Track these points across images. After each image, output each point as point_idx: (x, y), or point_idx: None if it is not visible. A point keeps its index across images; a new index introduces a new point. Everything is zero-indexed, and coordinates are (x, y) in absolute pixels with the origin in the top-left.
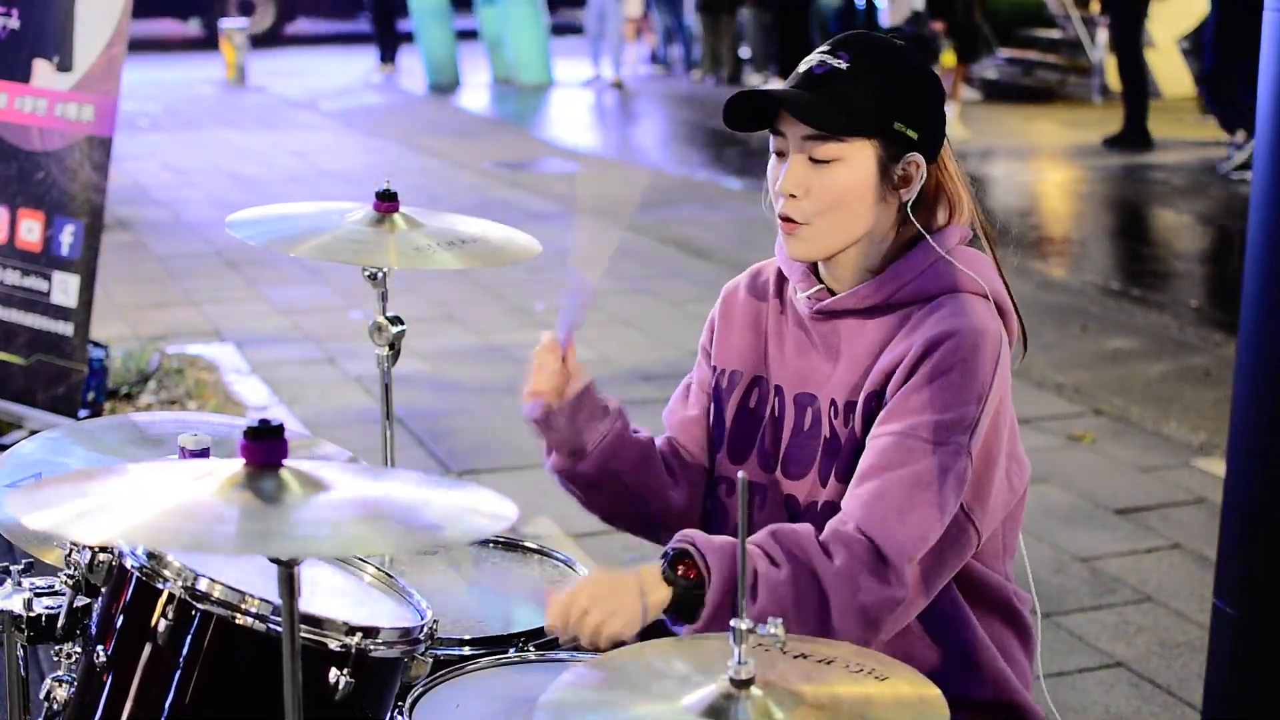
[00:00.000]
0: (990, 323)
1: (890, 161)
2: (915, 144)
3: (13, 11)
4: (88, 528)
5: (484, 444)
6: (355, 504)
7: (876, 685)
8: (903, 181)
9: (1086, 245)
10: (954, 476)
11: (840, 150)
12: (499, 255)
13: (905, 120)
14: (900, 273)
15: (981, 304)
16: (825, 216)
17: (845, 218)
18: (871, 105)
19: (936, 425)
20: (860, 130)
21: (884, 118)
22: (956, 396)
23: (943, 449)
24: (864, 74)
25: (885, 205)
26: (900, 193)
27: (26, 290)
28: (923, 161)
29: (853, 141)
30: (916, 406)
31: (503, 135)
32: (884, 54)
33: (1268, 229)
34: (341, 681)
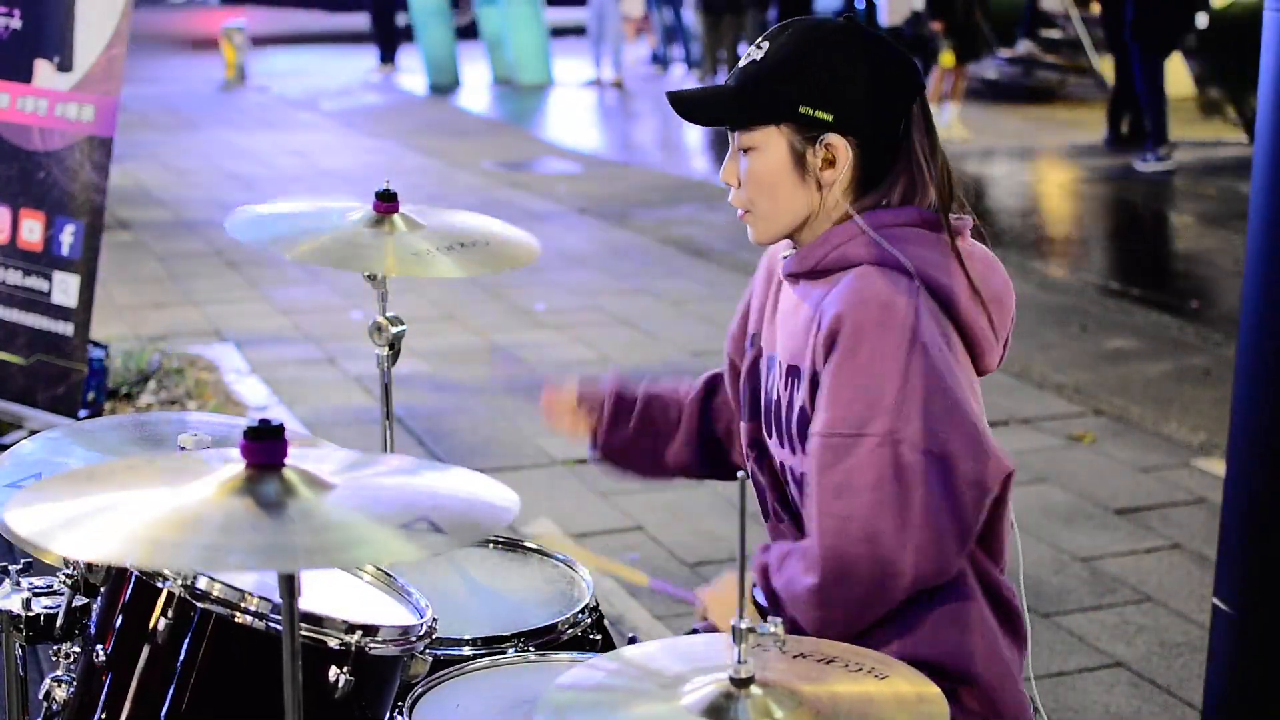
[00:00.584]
0: (902, 297)
1: (805, 145)
2: (831, 125)
3: (14, 11)
4: (83, 543)
5: (484, 444)
6: (363, 505)
7: (876, 685)
8: (826, 164)
9: (1086, 245)
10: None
11: (753, 139)
12: (498, 261)
13: (814, 103)
14: (827, 239)
15: (897, 278)
16: (757, 202)
17: (773, 202)
18: (775, 92)
19: (850, 419)
20: (759, 118)
21: (787, 103)
22: (865, 380)
23: (864, 442)
24: (775, 61)
25: (815, 187)
26: (824, 174)
27: (27, 290)
28: (843, 142)
29: (762, 130)
30: (832, 401)
31: (503, 135)
32: (802, 37)
33: (1268, 229)
34: (341, 680)
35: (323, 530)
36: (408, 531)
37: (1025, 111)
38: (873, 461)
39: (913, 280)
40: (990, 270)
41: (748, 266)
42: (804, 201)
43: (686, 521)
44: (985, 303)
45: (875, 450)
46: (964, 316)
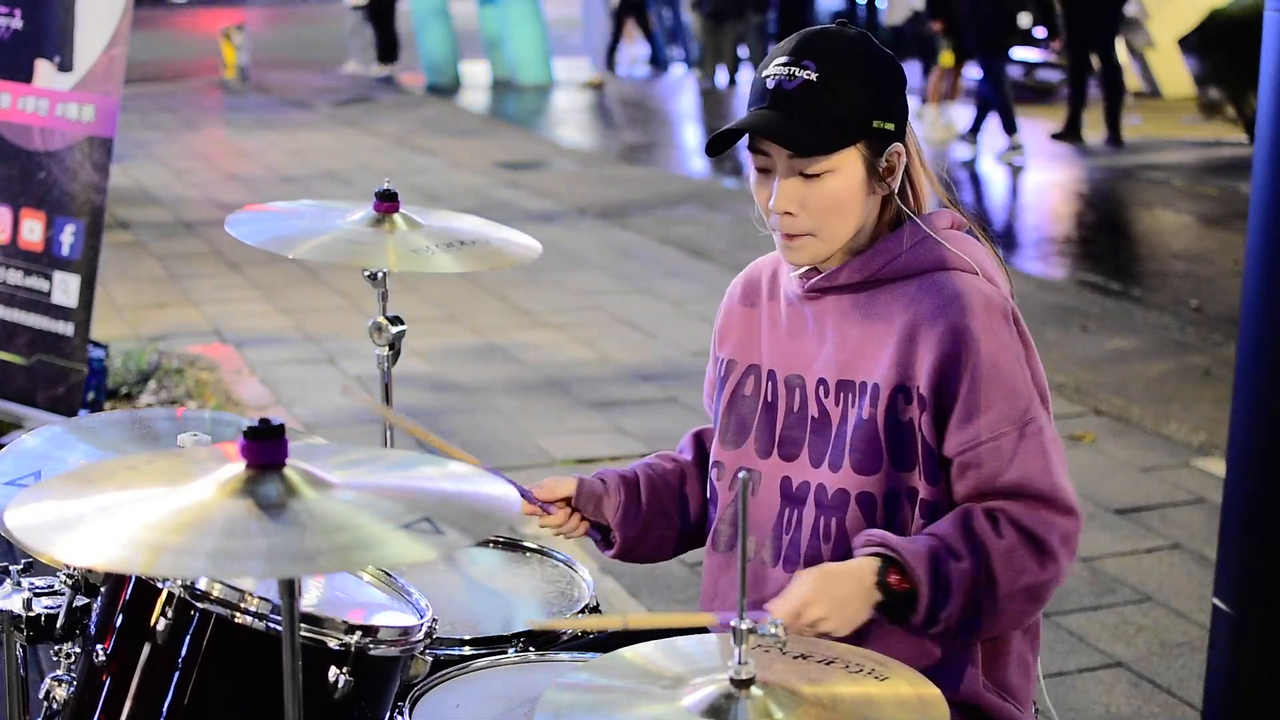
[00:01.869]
0: (994, 295)
1: (875, 157)
2: (894, 134)
3: (15, 12)
4: (85, 548)
5: (484, 444)
6: (365, 506)
7: (876, 685)
8: (887, 172)
9: (1087, 245)
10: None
11: (829, 163)
12: (499, 258)
13: (883, 115)
14: (889, 248)
15: (971, 279)
16: (824, 225)
17: (842, 221)
18: (851, 112)
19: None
20: (847, 141)
21: (864, 121)
22: (1004, 382)
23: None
24: (835, 81)
25: (874, 197)
26: (888, 182)
27: (28, 290)
28: (902, 148)
29: (841, 152)
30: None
31: (503, 135)
32: (849, 53)
33: (1268, 229)
34: (341, 680)
35: (325, 533)
36: (410, 532)
37: (1025, 111)
38: (1041, 444)
39: (980, 278)
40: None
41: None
42: (868, 212)
43: None
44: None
45: (1039, 434)
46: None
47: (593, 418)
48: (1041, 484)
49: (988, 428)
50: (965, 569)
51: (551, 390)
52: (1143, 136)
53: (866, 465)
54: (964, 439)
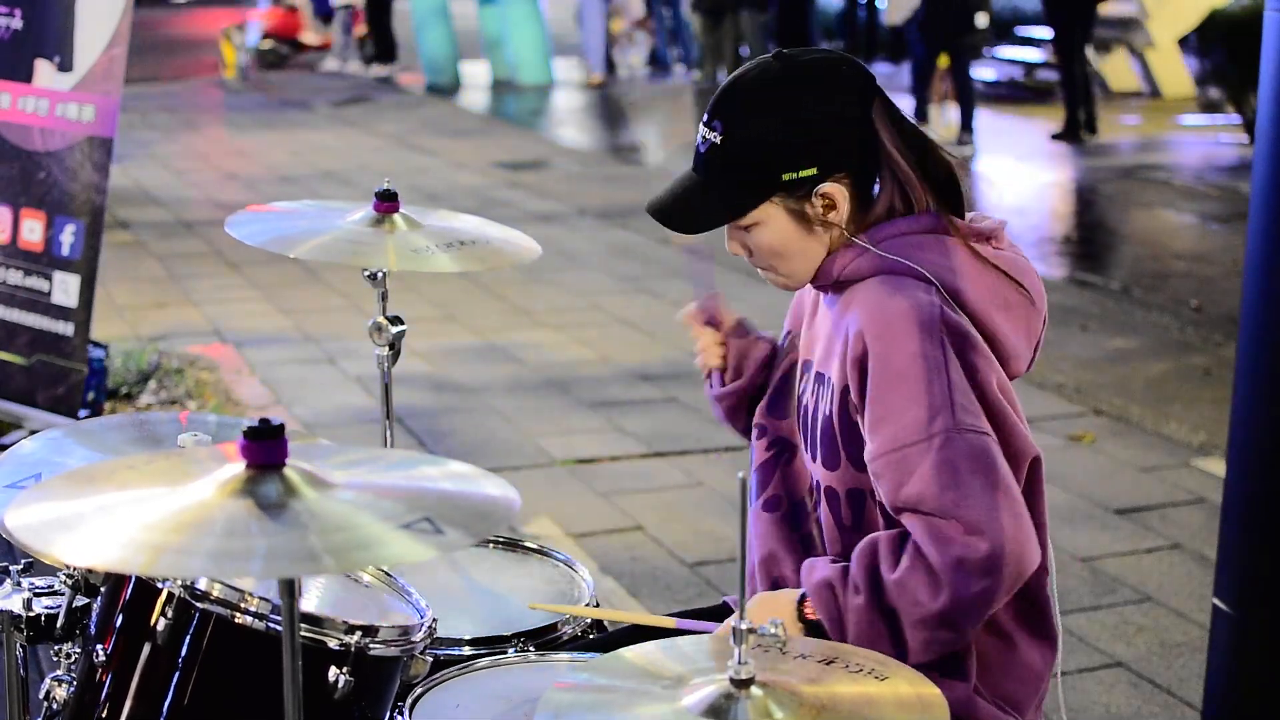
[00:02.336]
0: (919, 297)
1: (801, 204)
2: (818, 178)
3: (15, 11)
4: (85, 549)
5: (484, 444)
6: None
7: (876, 685)
8: (826, 209)
9: (1086, 245)
10: (964, 460)
11: (749, 219)
12: (498, 258)
13: (795, 166)
14: (837, 258)
15: (911, 284)
16: (776, 265)
17: (789, 261)
18: (751, 174)
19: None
20: (748, 205)
21: (769, 179)
22: (912, 387)
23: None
24: (737, 142)
25: (823, 233)
26: (830, 218)
27: (28, 290)
28: (836, 187)
29: (757, 209)
30: (885, 416)
31: (503, 135)
32: (755, 104)
33: (1268, 229)
34: (341, 680)
35: (325, 533)
36: (410, 532)
37: (1025, 111)
38: (948, 458)
39: (930, 282)
40: (1018, 275)
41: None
42: (820, 247)
43: (686, 521)
44: (1008, 307)
45: (946, 447)
46: (981, 318)
47: (593, 418)
48: (943, 500)
49: (890, 438)
50: (860, 604)
51: (551, 390)
52: (1143, 136)
53: (830, 460)
54: (872, 448)
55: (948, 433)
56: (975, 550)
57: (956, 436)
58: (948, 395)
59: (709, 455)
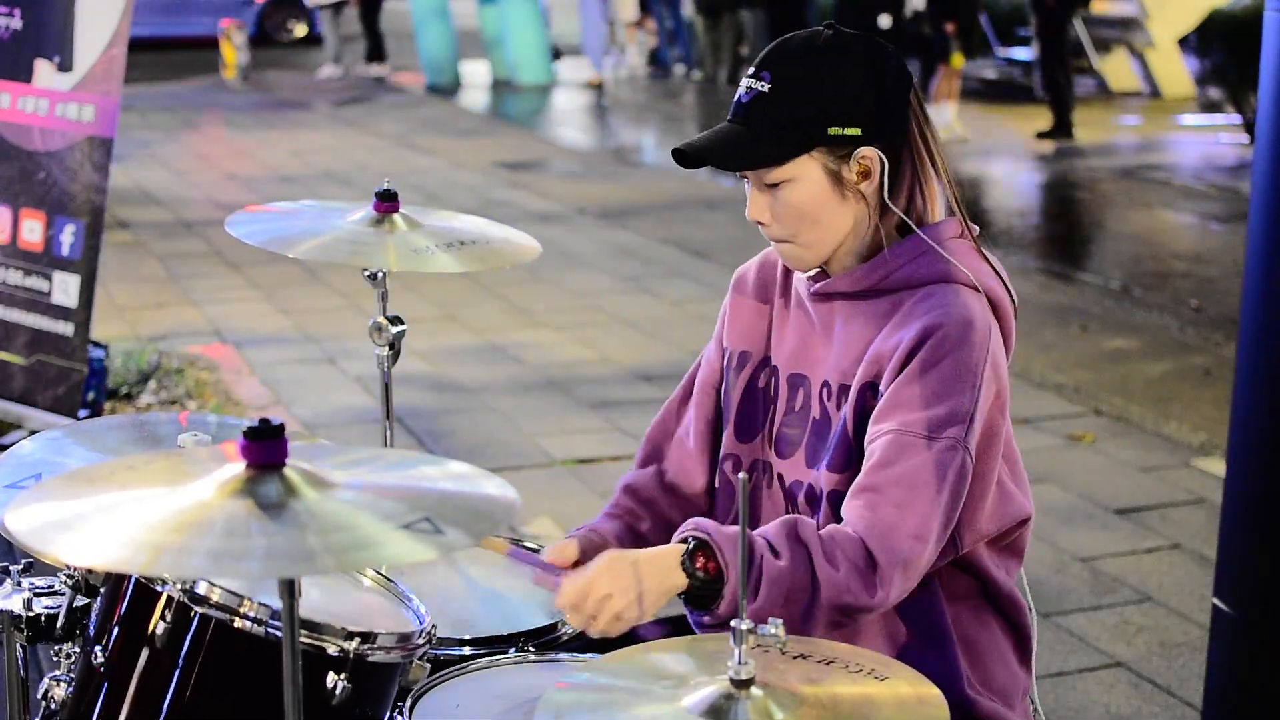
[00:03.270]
0: (979, 314)
1: (839, 164)
2: (861, 139)
3: (15, 12)
4: (85, 549)
5: (484, 444)
6: (365, 506)
7: (876, 685)
8: (861, 177)
9: (1086, 245)
10: (952, 472)
11: (784, 173)
12: (498, 257)
13: (841, 121)
14: (890, 258)
15: (971, 295)
16: (800, 232)
17: (814, 229)
18: (798, 122)
19: (929, 420)
20: (792, 152)
21: (814, 130)
22: (947, 389)
23: (937, 444)
24: (786, 91)
25: (854, 202)
26: (861, 187)
27: (27, 290)
28: (875, 153)
29: (794, 161)
30: (907, 401)
31: (503, 135)
32: (807, 60)
33: (1268, 229)
34: (339, 686)
35: (325, 533)
36: (410, 532)
37: (1025, 111)
38: (942, 463)
39: (980, 293)
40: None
41: None
42: (847, 218)
43: None
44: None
45: (946, 453)
46: (1006, 325)
47: (593, 418)
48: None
49: (902, 421)
50: (783, 567)
51: (551, 390)
52: (1143, 136)
53: (839, 464)
54: (881, 424)
55: (953, 442)
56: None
57: (961, 452)
58: (971, 411)
59: None
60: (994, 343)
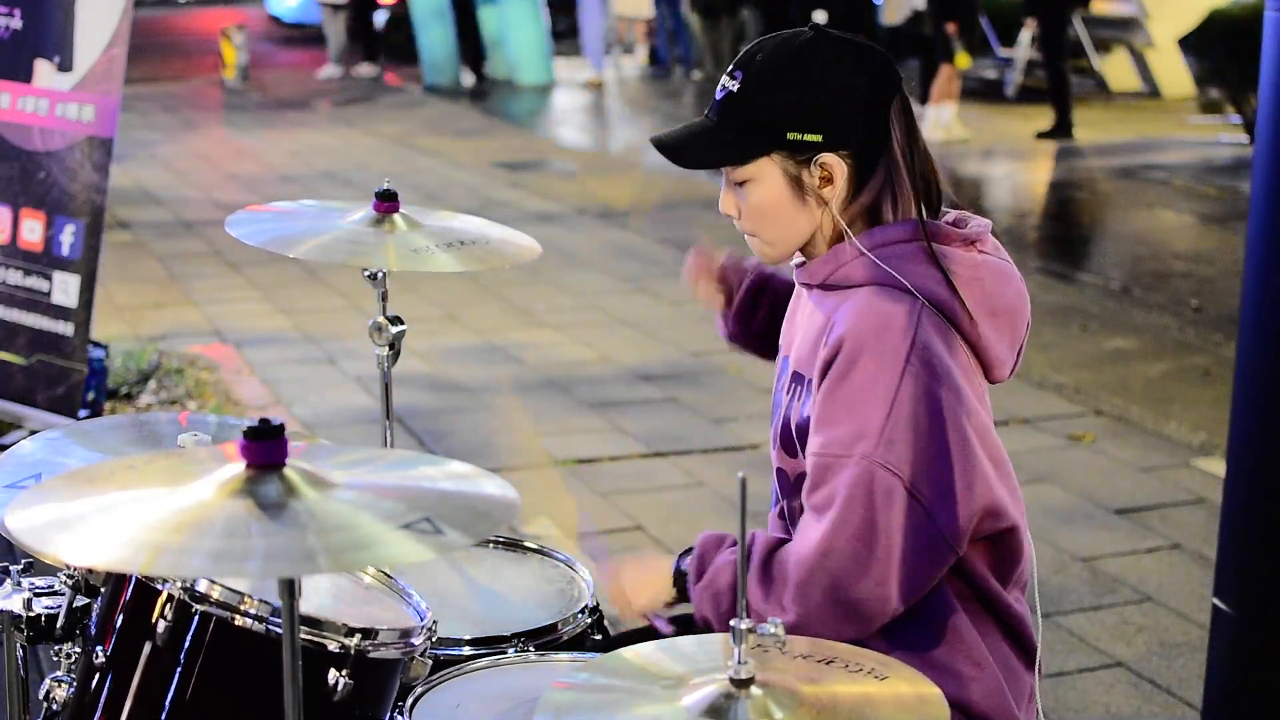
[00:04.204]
0: (900, 319)
1: (799, 169)
2: (821, 145)
3: (14, 11)
4: (85, 548)
5: (484, 444)
6: (365, 505)
7: (876, 685)
8: (824, 182)
9: (1086, 245)
10: (862, 492)
11: (746, 172)
12: (498, 258)
13: (800, 127)
14: (831, 257)
15: (894, 299)
16: (761, 230)
17: (777, 228)
18: (758, 125)
19: (839, 439)
20: (750, 153)
21: (773, 133)
22: (854, 403)
23: (848, 463)
24: (753, 92)
25: (815, 207)
26: (824, 192)
27: (27, 290)
28: (836, 159)
29: (755, 162)
30: (822, 420)
31: (503, 135)
32: (772, 63)
33: (1268, 229)
34: (340, 683)
35: (325, 533)
36: (410, 532)
37: (1025, 111)
38: (847, 481)
39: (915, 300)
40: (1002, 281)
41: None
42: (808, 221)
43: (686, 521)
44: (994, 314)
45: (853, 471)
46: (969, 331)
47: (593, 418)
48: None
49: (824, 441)
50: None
51: (551, 390)
52: (1143, 136)
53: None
54: (810, 445)
55: (865, 458)
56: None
57: (868, 464)
58: (883, 423)
59: (709, 455)
60: (924, 345)
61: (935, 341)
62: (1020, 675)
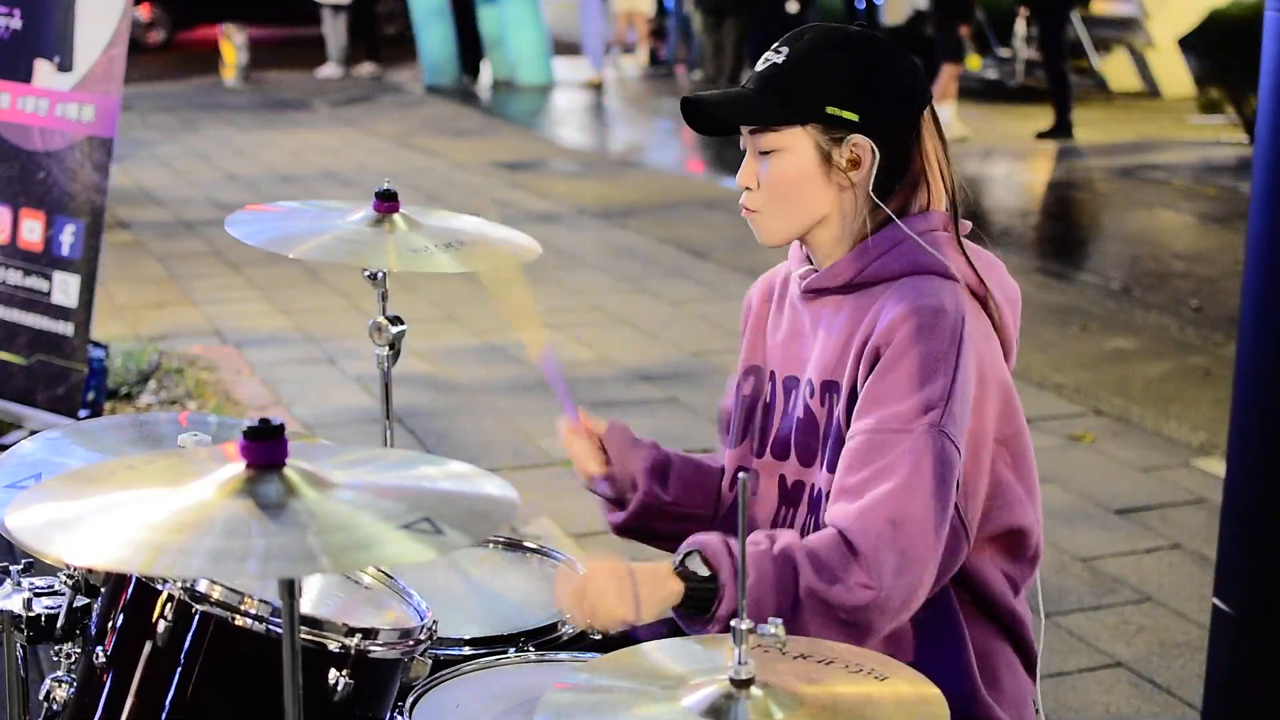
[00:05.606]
0: (950, 300)
1: (831, 146)
2: (857, 126)
3: (14, 11)
4: (85, 549)
5: (484, 444)
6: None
7: (876, 685)
8: (851, 165)
9: (1086, 245)
10: (929, 456)
11: (777, 141)
12: (499, 258)
13: (840, 103)
14: (867, 250)
15: (944, 284)
16: (774, 204)
17: (793, 204)
18: (801, 93)
19: (900, 415)
20: (787, 118)
21: (814, 103)
22: (917, 379)
23: (911, 435)
24: (797, 63)
25: (838, 188)
26: (850, 175)
27: (27, 290)
28: (868, 143)
29: (788, 131)
30: (879, 398)
31: (503, 135)
32: (823, 40)
33: (1268, 229)
34: (340, 682)
35: (325, 533)
36: (410, 532)
37: (1025, 111)
38: (918, 448)
39: (959, 284)
40: (1001, 271)
41: (748, 267)
42: (826, 202)
43: None
44: (1008, 302)
45: (922, 438)
46: (998, 318)
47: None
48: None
49: (878, 419)
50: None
51: (551, 390)
52: (1143, 136)
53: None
54: (857, 424)
55: (929, 426)
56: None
57: (935, 433)
58: (945, 397)
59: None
60: (971, 332)
61: (978, 325)
62: (1021, 679)
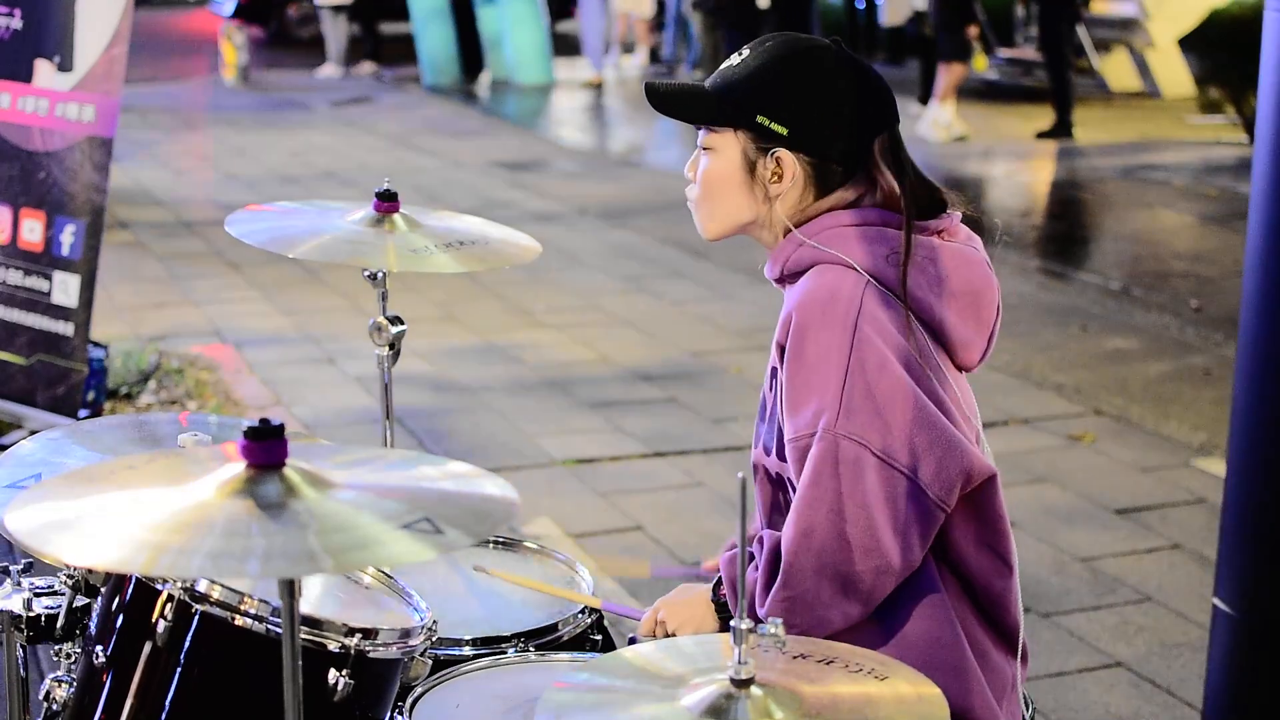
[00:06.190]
0: (844, 288)
1: (757, 155)
2: (785, 140)
3: (15, 11)
4: (85, 549)
5: (484, 444)
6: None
7: (876, 685)
8: (775, 176)
9: (1086, 245)
10: (829, 467)
11: (713, 140)
12: (498, 258)
13: (772, 115)
14: (781, 250)
15: (835, 271)
16: (703, 200)
17: (717, 204)
18: (737, 97)
19: (799, 424)
20: (716, 120)
21: (746, 110)
22: (810, 382)
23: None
24: (747, 69)
25: (759, 199)
26: (771, 187)
27: (27, 290)
28: (793, 160)
29: (723, 132)
30: (787, 409)
31: (503, 135)
32: (778, 51)
33: (1268, 229)
34: (340, 682)
35: (325, 533)
36: (410, 532)
37: (1024, 111)
38: (815, 457)
39: (859, 275)
40: (962, 264)
41: (748, 267)
42: (748, 208)
43: (686, 521)
44: (953, 295)
45: (819, 447)
46: (924, 308)
47: (593, 418)
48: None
49: (795, 427)
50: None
51: (551, 390)
52: (1143, 136)
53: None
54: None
55: (827, 432)
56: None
57: (830, 438)
58: (840, 394)
59: (709, 455)
60: (871, 314)
61: (881, 312)
62: (998, 666)
